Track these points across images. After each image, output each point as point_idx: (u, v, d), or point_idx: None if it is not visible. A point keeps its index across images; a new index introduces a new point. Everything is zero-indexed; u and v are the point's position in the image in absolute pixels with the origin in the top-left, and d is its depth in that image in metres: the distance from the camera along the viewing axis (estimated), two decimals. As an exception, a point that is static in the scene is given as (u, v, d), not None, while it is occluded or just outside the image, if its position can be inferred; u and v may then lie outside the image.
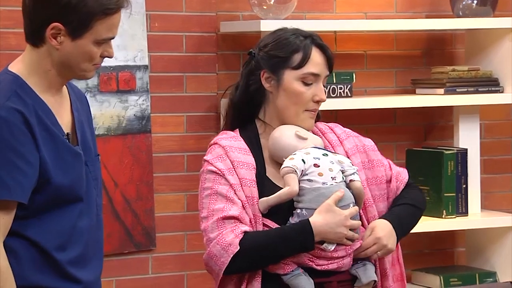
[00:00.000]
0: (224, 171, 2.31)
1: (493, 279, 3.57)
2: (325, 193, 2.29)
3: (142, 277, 3.37)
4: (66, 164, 2.11)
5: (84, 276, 2.13)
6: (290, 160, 2.31)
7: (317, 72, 2.36)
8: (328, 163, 2.32)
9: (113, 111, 3.33)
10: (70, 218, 2.11)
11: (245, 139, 2.37)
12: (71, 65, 2.11)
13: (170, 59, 3.41)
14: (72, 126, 2.18)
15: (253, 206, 2.29)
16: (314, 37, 2.39)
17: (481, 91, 3.54)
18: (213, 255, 2.27)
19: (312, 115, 2.37)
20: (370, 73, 3.61)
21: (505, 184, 3.79)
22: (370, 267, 2.35)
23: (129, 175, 3.35)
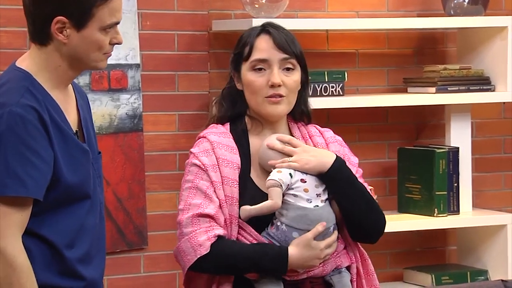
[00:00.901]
0: (208, 166, 2.31)
1: (484, 277, 3.58)
2: (309, 216, 2.28)
3: (134, 276, 3.37)
4: (76, 162, 2.11)
5: (88, 274, 2.14)
6: (278, 173, 2.30)
7: (263, 57, 2.35)
8: (314, 179, 2.31)
9: (105, 110, 3.33)
10: (79, 216, 2.12)
11: (234, 135, 2.38)
12: (81, 57, 2.11)
13: (162, 58, 3.41)
14: (78, 123, 2.18)
15: (232, 206, 2.29)
16: (265, 25, 2.40)
17: (473, 89, 3.55)
18: (182, 250, 2.29)
19: (271, 101, 2.34)
20: (362, 71, 3.62)
21: (496, 183, 3.79)
22: (345, 275, 2.34)
23: (121, 174, 3.35)
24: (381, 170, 3.67)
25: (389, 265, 3.63)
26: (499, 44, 3.57)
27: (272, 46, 2.35)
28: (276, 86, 2.34)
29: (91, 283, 2.15)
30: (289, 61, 2.35)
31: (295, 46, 2.36)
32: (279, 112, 2.36)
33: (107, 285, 3.33)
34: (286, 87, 2.35)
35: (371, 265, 2.40)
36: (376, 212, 2.37)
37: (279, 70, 2.35)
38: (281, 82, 2.34)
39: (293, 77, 2.36)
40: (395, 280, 3.62)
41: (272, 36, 2.36)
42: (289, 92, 2.36)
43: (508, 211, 3.69)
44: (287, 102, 2.36)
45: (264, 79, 2.34)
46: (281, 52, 2.35)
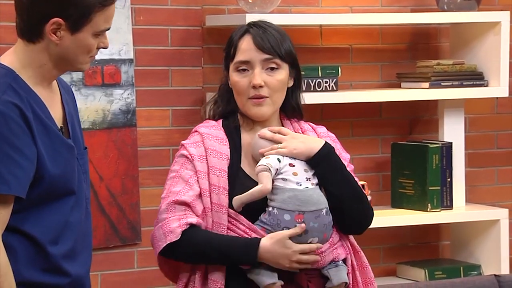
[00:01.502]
0: (195, 157, 2.33)
1: (477, 272, 3.58)
2: (299, 196, 2.28)
3: (128, 271, 3.37)
4: (61, 158, 2.11)
5: (74, 270, 2.13)
6: (266, 159, 2.32)
7: (245, 59, 2.36)
8: (303, 163, 2.32)
9: (98, 105, 3.32)
10: (63, 212, 2.11)
11: (225, 129, 2.38)
12: (69, 59, 2.11)
13: (155, 53, 3.40)
14: (63, 119, 2.18)
15: (219, 196, 2.29)
16: (250, 24, 2.39)
17: (466, 85, 3.55)
18: (154, 237, 2.32)
19: (254, 102, 2.34)
20: (356, 67, 3.61)
21: (489, 178, 3.80)
22: (342, 269, 2.33)
23: (114, 169, 3.34)
24: (375, 165, 3.68)
25: (383, 260, 3.63)
26: (492, 40, 3.57)
27: (253, 47, 2.35)
28: (257, 87, 2.33)
29: (77, 279, 2.14)
30: (272, 61, 2.35)
31: (279, 45, 2.35)
32: (262, 113, 2.36)
33: (101, 281, 3.33)
34: (269, 87, 2.35)
35: (365, 258, 2.39)
36: (362, 202, 2.36)
37: (262, 70, 2.34)
38: (262, 83, 2.33)
39: (277, 76, 2.35)
40: (389, 275, 3.63)
41: (253, 36, 2.35)
42: (273, 92, 2.35)
43: (501, 206, 3.69)
44: (270, 103, 2.36)
45: (247, 80, 2.35)
46: (262, 52, 2.34)
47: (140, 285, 3.38)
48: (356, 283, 2.35)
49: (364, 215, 2.36)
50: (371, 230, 2.51)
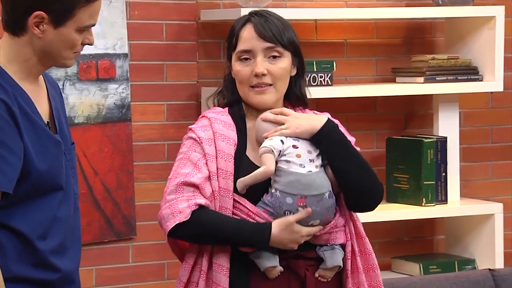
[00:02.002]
0: (203, 139, 2.34)
1: (472, 266, 3.58)
2: (301, 181, 2.29)
3: (123, 266, 3.36)
4: (48, 153, 2.10)
5: (63, 265, 2.13)
6: (269, 141, 2.32)
7: (246, 48, 2.36)
8: (307, 145, 2.32)
9: (93, 100, 3.32)
10: (51, 207, 2.11)
11: (232, 115, 2.40)
12: (52, 53, 2.10)
13: (150, 48, 3.40)
14: (50, 114, 2.17)
15: (225, 180, 2.30)
16: (251, 13, 2.40)
17: (461, 79, 3.54)
18: (162, 217, 2.32)
19: (256, 91, 2.35)
20: (351, 61, 3.61)
21: (484, 172, 3.80)
22: (338, 252, 2.34)
23: (109, 164, 3.33)
24: (370, 160, 3.63)
25: (377, 254, 3.59)
26: (486, 34, 3.57)
27: (254, 36, 2.35)
28: (260, 76, 2.34)
29: (66, 274, 2.13)
30: (274, 49, 2.35)
31: (281, 34, 2.35)
32: (265, 101, 2.36)
33: (95, 275, 3.33)
34: (272, 75, 2.35)
35: (369, 244, 2.38)
36: (371, 174, 2.34)
37: (264, 58, 2.35)
38: (264, 71, 2.34)
39: (280, 64, 2.36)
40: (383, 270, 3.62)
41: (254, 25, 2.36)
42: (276, 80, 2.36)
43: (496, 200, 3.69)
44: (274, 91, 2.36)
45: (249, 68, 2.35)
46: (264, 41, 2.35)
47: (135, 280, 3.37)
48: (356, 268, 2.35)
49: (374, 185, 2.34)
50: (366, 224, 2.51)
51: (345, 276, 2.36)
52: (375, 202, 2.37)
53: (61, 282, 2.13)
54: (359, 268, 2.35)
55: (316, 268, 2.34)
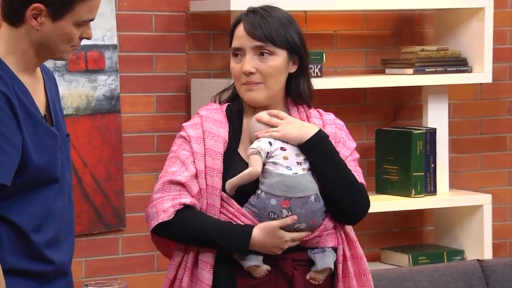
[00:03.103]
0: (192, 138, 2.34)
1: (460, 257, 3.59)
2: (285, 182, 2.28)
3: (112, 257, 3.36)
4: (45, 146, 2.10)
5: (57, 257, 2.13)
6: (257, 142, 2.32)
7: (237, 45, 2.36)
8: (295, 148, 2.31)
9: (82, 91, 3.31)
10: (46, 200, 2.10)
11: (228, 113, 2.39)
12: (49, 46, 2.10)
13: (140, 39, 3.38)
14: (46, 106, 2.16)
15: (213, 178, 2.30)
16: (249, 10, 2.39)
17: (450, 71, 3.54)
18: (148, 215, 2.33)
19: (246, 88, 2.34)
20: (340, 53, 3.61)
21: (473, 164, 3.80)
22: (329, 254, 2.33)
23: (98, 155, 3.33)
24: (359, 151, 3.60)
25: (367, 245, 3.64)
26: (476, 25, 3.57)
27: (244, 34, 2.35)
28: (247, 74, 2.33)
29: (60, 266, 2.13)
30: (264, 47, 2.33)
31: (273, 32, 2.33)
32: (253, 98, 2.35)
33: (85, 267, 3.32)
34: (261, 73, 2.34)
35: (360, 248, 2.37)
36: (356, 192, 2.34)
37: (254, 56, 2.34)
38: (252, 69, 2.33)
39: (270, 63, 2.34)
40: (373, 261, 3.63)
41: (245, 23, 2.35)
42: (266, 78, 2.34)
43: (485, 191, 3.70)
44: (264, 88, 2.35)
45: (240, 66, 2.35)
46: (253, 39, 2.34)
47: (125, 271, 3.37)
48: (347, 273, 2.34)
49: (356, 205, 2.34)
50: (356, 216, 2.51)
51: (336, 280, 2.35)
52: (355, 219, 2.36)
53: (55, 274, 2.13)
54: (350, 273, 2.34)
55: (305, 268, 2.32)
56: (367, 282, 2.36)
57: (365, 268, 2.36)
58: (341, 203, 2.32)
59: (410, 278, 3.21)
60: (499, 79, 3.77)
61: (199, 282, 2.28)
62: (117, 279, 3.30)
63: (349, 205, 2.33)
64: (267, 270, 2.30)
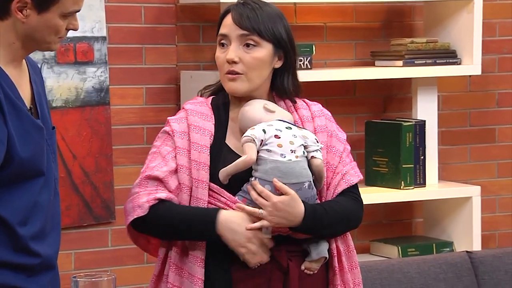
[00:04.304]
0: (176, 133, 2.33)
1: (450, 248, 3.59)
2: (280, 168, 2.27)
3: (102, 250, 3.36)
4: (30, 139, 2.09)
5: (43, 250, 2.12)
6: (251, 130, 2.31)
7: (223, 32, 2.34)
8: (289, 136, 2.31)
9: (71, 83, 3.30)
10: (32, 193, 2.10)
11: (213, 106, 2.38)
12: (36, 38, 2.09)
13: (129, 31, 3.37)
14: (32, 99, 2.15)
15: (199, 171, 2.28)
16: (239, 2, 2.37)
17: (439, 63, 3.54)
18: (125, 210, 2.33)
19: (228, 78, 2.32)
20: (330, 45, 3.60)
21: (462, 156, 3.81)
22: (323, 244, 2.32)
23: (87, 148, 3.32)
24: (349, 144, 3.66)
25: (356, 237, 3.65)
26: (465, 18, 3.57)
27: (231, 22, 2.33)
28: (230, 63, 2.31)
29: (47, 259, 2.13)
30: (249, 37, 2.32)
31: (260, 23, 2.31)
32: (234, 89, 2.33)
33: (74, 259, 3.32)
34: (244, 64, 2.31)
35: (351, 241, 2.38)
36: (353, 223, 2.37)
37: (239, 46, 2.32)
38: (235, 58, 2.31)
39: (254, 54, 2.32)
40: (362, 253, 3.64)
41: (233, 12, 2.34)
42: (248, 70, 2.31)
43: (474, 183, 3.71)
44: (245, 80, 2.32)
45: (225, 55, 2.33)
46: (240, 28, 2.32)
47: (114, 264, 3.36)
48: (342, 267, 2.34)
49: (354, 227, 2.39)
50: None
51: (332, 273, 2.34)
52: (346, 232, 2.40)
53: (41, 267, 2.12)
54: (345, 267, 2.34)
55: (300, 259, 2.31)
56: (358, 274, 2.36)
57: (355, 260, 2.37)
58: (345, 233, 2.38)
59: (399, 270, 3.21)
60: (488, 71, 3.77)
61: (191, 277, 2.27)
62: (106, 271, 3.29)
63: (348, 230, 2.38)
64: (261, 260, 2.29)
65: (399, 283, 3.17)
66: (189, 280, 2.26)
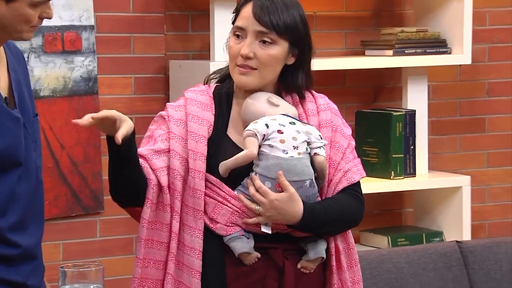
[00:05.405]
0: (172, 118, 2.30)
1: (439, 238, 3.59)
2: (282, 165, 2.24)
3: (90, 240, 3.35)
4: (6, 130, 2.06)
5: (24, 241, 2.10)
6: (254, 124, 2.27)
7: (241, 25, 2.28)
8: (293, 131, 2.27)
9: (59, 72, 3.27)
10: (9, 184, 2.07)
11: (215, 94, 2.34)
12: (6, 28, 2.05)
13: (117, 19, 3.35)
14: (9, 87, 2.12)
15: (196, 161, 2.25)
16: None
17: (429, 52, 3.53)
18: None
19: (240, 71, 2.28)
20: (320, 34, 3.59)
21: (452, 145, 3.80)
22: (321, 243, 2.29)
23: (76, 137, 3.30)
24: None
25: (346, 227, 3.64)
26: (455, 7, 3.55)
27: (251, 16, 2.28)
28: (244, 58, 2.27)
29: (28, 250, 2.10)
30: (267, 35, 2.26)
31: (280, 20, 2.26)
32: (245, 83, 2.29)
33: (62, 250, 3.30)
34: (258, 60, 2.26)
35: (352, 238, 2.35)
36: (354, 219, 2.33)
37: (255, 41, 2.27)
38: (250, 54, 2.26)
39: (269, 51, 2.27)
40: (352, 243, 3.63)
41: (254, 5, 2.28)
42: (262, 66, 2.27)
43: (464, 173, 3.71)
44: (258, 75, 2.28)
45: (239, 47, 2.28)
46: (259, 24, 2.26)
47: (103, 255, 3.35)
48: (340, 266, 2.32)
49: (355, 225, 2.36)
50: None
51: (329, 272, 2.32)
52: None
53: (22, 257, 2.10)
54: (343, 266, 2.31)
55: (296, 257, 2.29)
56: (358, 272, 2.34)
57: (356, 258, 2.34)
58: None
59: (389, 260, 3.21)
60: (478, 60, 3.77)
61: (187, 269, 2.24)
62: (95, 262, 3.28)
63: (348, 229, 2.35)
64: (256, 257, 2.25)
65: (388, 273, 3.17)
66: (186, 273, 2.23)
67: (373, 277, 3.15)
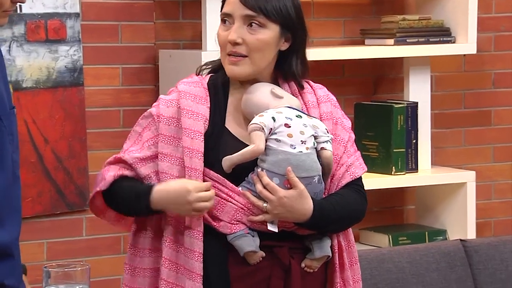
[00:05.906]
0: (162, 118, 2.25)
1: (443, 237, 3.57)
2: (290, 160, 2.19)
3: (76, 239, 3.31)
4: None
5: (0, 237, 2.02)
6: (259, 117, 2.21)
7: (227, 11, 2.24)
8: (300, 125, 2.22)
9: (42, 62, 3.24)
10: None
11: (210, 85, 2.28)
12: None
13: (103, 7, 3.31)
14: None
15: (192, 159, 2.20)
16: None
17: (432, 41, 3.50)
18: (94, 182, 2.30)
19: (230, 61, 2.23)
20: (317, 22, 3.54)
21: (456, 139, 3.78)
22: (326, 241, 2.26)
23: (60, 131, 3.27)
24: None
25: (345, 225, 3.58)
26: (459, -7, 3.57)
27: (237, 1, 2.23)
28: (232, 44, 2.23)
29: (4, 247, 2.03)
30: (255, 18, 2.22)
31: (268, 2, 2.21)
32: (236, 73, 2.24)
33: (47, 249, 3.27)
34: (248, 45, 2.22)
35: (352, 235, 2.33)
36: (358, 214, 2.32)
37: (243, 26, 2.23)
38: (238, 39, 2.22)
39: (259, 35, 2.22)
40: (351, 241, 3.58)
41: None
42: (252, 52, 2.22)
43: (468, 168, 3.68)
44: (249, 63, 2.23)
45: (227, 33, 2.24)
46: (245, 7, 2.22)
47: (89, 254, 3.32)
48: (343, 264, 2.29)
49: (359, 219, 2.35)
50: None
51: (332, 270, 2.29)
52: None
53: None
54: (346, 264, 2.29)
55: (302, 256, 2.25)
56: (357, 270, 2.32)
57: (356, 256, 2.32)
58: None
59: (389, 259, 3.19)
60: (484, 50, 3.74)
61: (188, 273, 2.18)
62: (80, 261, 3.22)
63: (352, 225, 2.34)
64: (261, 256, 2.21)
65: (389, 273, 3.15)
66: (187, 276, 2.18)
67: (373, 278, 3.12)
